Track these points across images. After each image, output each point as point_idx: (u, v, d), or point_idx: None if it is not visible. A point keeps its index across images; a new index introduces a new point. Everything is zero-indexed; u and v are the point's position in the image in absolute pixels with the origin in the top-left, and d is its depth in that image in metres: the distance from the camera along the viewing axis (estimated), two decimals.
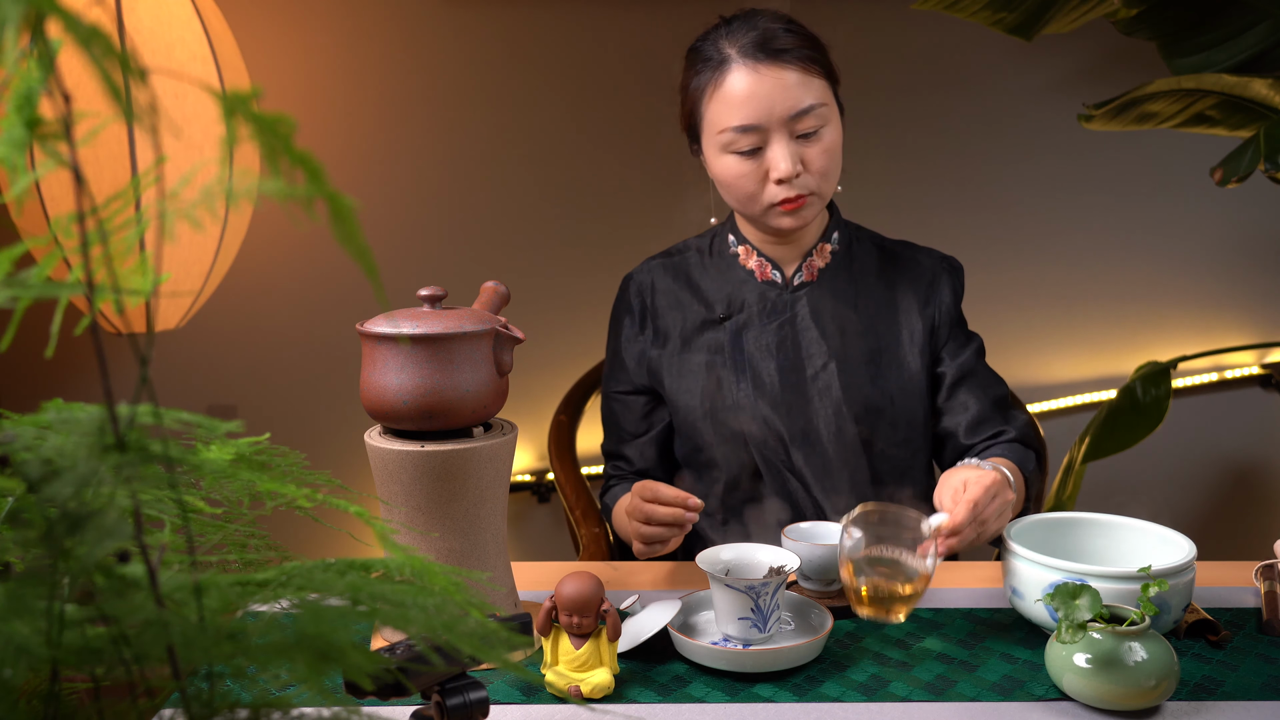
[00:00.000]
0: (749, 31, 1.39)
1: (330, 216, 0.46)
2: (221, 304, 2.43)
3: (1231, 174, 1.93)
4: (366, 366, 1.10)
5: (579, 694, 1.03)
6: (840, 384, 1.45)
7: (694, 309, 1.52)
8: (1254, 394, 2.63)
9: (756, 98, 1.37)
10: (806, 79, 1.38)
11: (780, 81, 1.37)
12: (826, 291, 1.49)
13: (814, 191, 1.40)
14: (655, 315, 1.54)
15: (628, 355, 1.55)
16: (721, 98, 1.39)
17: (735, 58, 1.38)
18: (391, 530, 0.70)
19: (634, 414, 1.56)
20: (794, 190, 1.39)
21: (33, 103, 0.44)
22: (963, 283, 1.55)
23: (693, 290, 1.53)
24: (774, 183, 1.39)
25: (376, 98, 2.42)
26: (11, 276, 0.48)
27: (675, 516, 1.24)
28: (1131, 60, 2.38)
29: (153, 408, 0.50)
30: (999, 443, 1.46)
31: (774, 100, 1.36)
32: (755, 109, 1.37)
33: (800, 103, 1.37)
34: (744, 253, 1.51)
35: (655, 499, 1.25)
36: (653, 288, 1.55)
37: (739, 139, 1.38)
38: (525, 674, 0.59)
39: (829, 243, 1.51)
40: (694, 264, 1.55)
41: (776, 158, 1.37)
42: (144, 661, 0.50)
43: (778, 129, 1.37)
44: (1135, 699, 0.98)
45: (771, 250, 1.50)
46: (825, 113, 1.39)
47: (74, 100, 0.44)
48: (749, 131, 1.37)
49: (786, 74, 1.37)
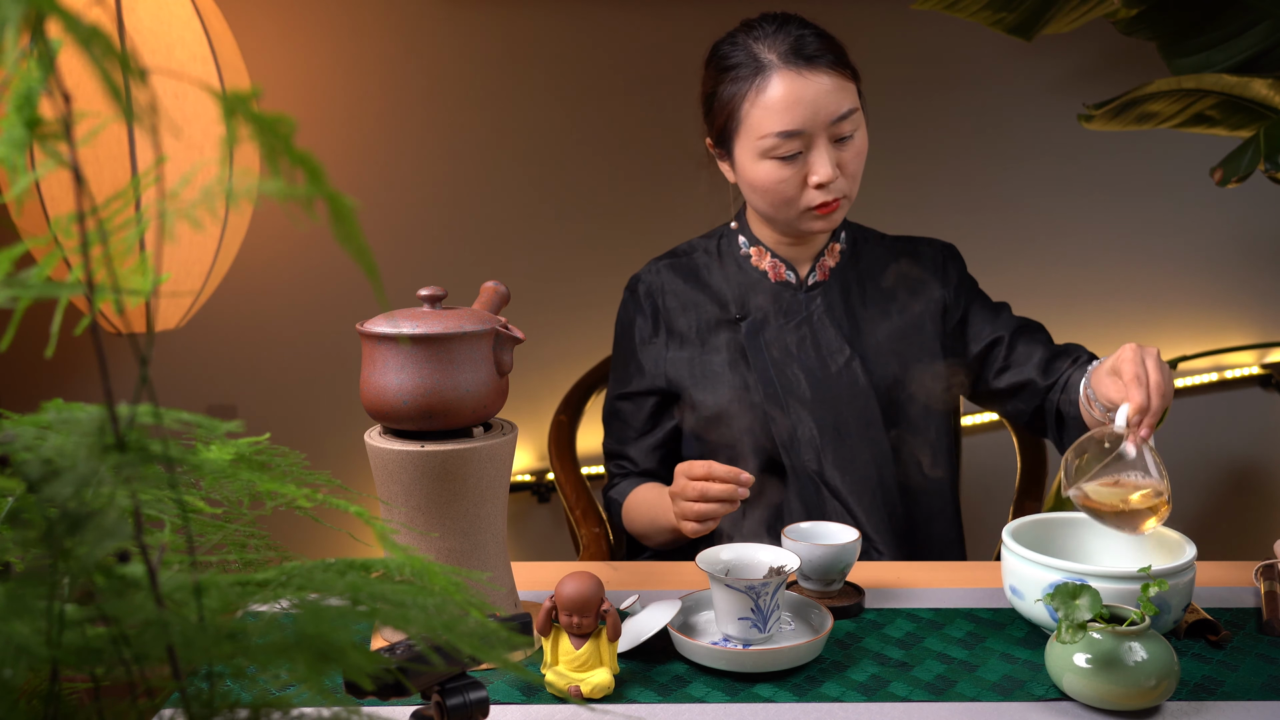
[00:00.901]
0: (784, 37, 1.40)
1: (330, 216, 0.46)
2: (221, 304, 2.43)
3: (1231, 174, 1.93)
4: (366, 366, 1.10)
5: (579, 694, 1.03)
6: (864, 372, 1.48)
7: (708, 309, 1.52)
8: (1254, 394, 2.63)
9: (802, 103, 1.38)
10: (842, 83, 1.40)
11: (821, 87, 1.38)
12: (840, 289, 1.51)
13: (846, 195, 1.44)
14: (668, 316, 1.54)
15: (645, 358, 1.55)
16: (765, 104, 1.39)
17: (776, 64, 1.39)
18: (391, 530, 0.70)
19: (642, 415, 1.56)
20: (830, 195, 1.41)
21: (33, 103, 0.44)
22: (963, 261, 1.60)
23: (704, 290, 1.54)
24: (813, 187, 1.41)
25: (376, 98, 2.42)
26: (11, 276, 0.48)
27: (730, 493, 1.26)
28: (1131, 60, 2.38)
29: (153, 408, 0.50)
30: (1080, 364, 1.48)
31: (818, 106, 1.38)
32: (800, 115, 1.38)
33: (841, 108, 1.39)
34: (756, 254, 1.52)
35: (709, 476, 1.26)
36: (663, 289, 1.55)
37: (782, 144, 1.39)
38: (525, 674, 0.59)
39: (839, 242, 1.54)
40: (702, 264, 1.56)
41: (818, 163, 1.39)
42: (144, 661, 0.50)
43: (820, 134, 1.39)
44: (1135, 699, 0.98)
45: (786, 251, 1.52)
46: (858, 117, 1.42)
47: (74, 100, 0.44)
48: (793, 137, 1.39)
49: (825, 79, 1.39)
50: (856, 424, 1.46)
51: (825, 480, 1.46)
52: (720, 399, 1.49)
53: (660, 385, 1.54)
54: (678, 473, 1.31)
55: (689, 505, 1.28)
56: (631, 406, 1.57)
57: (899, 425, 1.49)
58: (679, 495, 1.30)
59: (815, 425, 1.46)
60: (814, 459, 1.46)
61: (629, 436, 1.57)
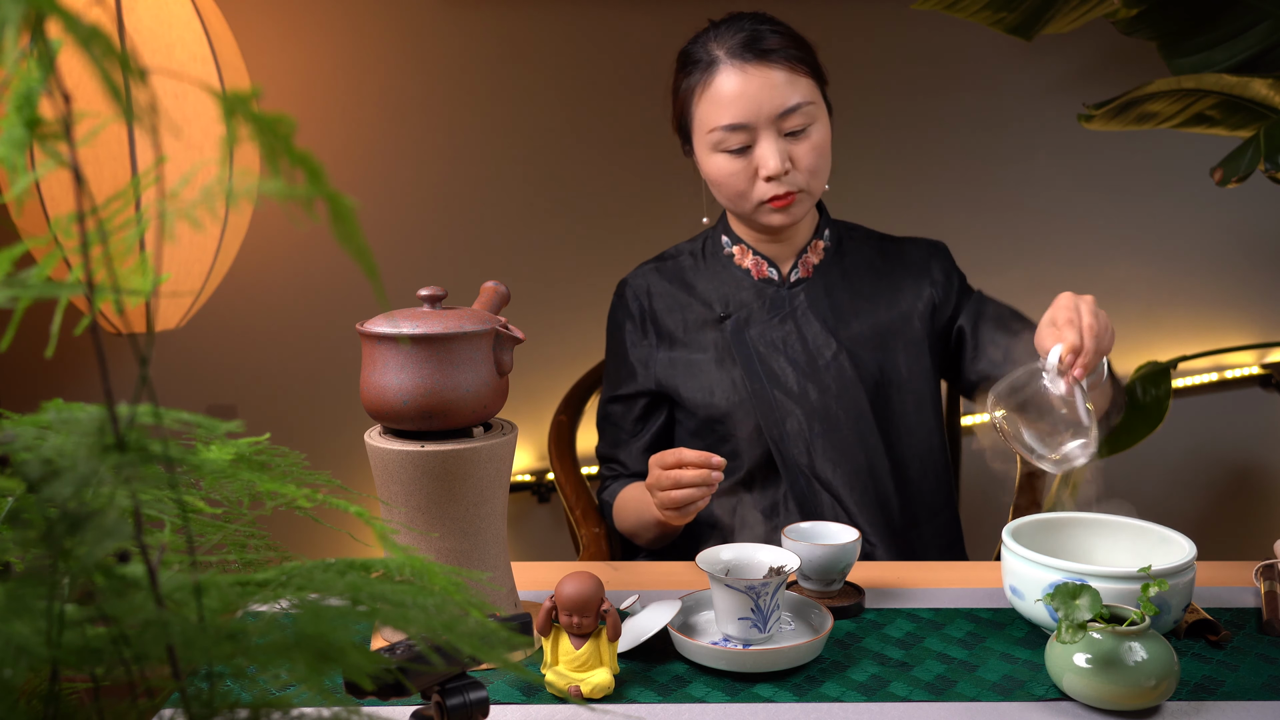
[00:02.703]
0: (736, 33, 1.43)
1: (330, 216, 0.46)
2: (221, 304, 2.43)
3: (1231, 174, 1.93)
4: (366, 366, 1.10)
5: (579, 694, 1.03)
6: (851, 364, 1.48)
7: (694, 309, 1.53)
8: (1254, 394, 2.63)
9: (745, 97, 1.40)
10: (793, 78, 1.41)
11: (767, 81, 1.40)
12: (824, 285, 1.52)
13: (803, 188, 1.44)
14: (655, 318, 1.56)
15: (635, 359, 1.56)
16: (710, 98, 1.42)
17: (723, 58, 1.42)
18: (391, 530, 0.70)
19: (632, 416, 1.57)
20: (783, 187, 1.42)
21: (33, 103, 0.44)
22: (951, 258, 1.61)
23: (689, 291, 1.55)
24: (763, 180, 1.42)
25: (376, 98, 2.42)
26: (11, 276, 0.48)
27: (703, 477, 1.27)
28: (1131, 60, 2.38)
29: (153, 408, 0.50)
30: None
31: (761, 99, 1.39)
32: (743, 108, 1.40)
33: (787, 101, 1.40)
34: (739, 252, 1.53)
35: (681, 463, 1.28)
36: (649, 292, 1.57)
37: (728, 137, 1.41)
38: (525, 674, 0.59)
39: (822, 239, 1.55)
40: (688, 267, 1.58)
41: (765, 155, 1.40)
42: (144, 661, 0.50)
43: (765, 127, 1.40)
44: (1135, 699, 0.98)
45: (767, 249, 1.53)
46: (812, 111, 1.42)
47: (74, 100, 0.44)
48: (737, 130, 1.41)
49: (773, 73, 1.40)
50: (846, 417, 1.47)
51: (817, 473, 1.47)
52: (711, 398, 1.50)
53: (650, 387, 1.56)
54: (651, 464, 1.33)
55: (666, 495, 1.30)
56: (622, 409, 1.58)
57: (888, 419, 1.49)
58: (655, 486, 1.32)
59: (804, 418, 1.47)
60: (804, 452, 1.47)
61: (620, 439, 1.58)
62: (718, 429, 1.50)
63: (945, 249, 1.62)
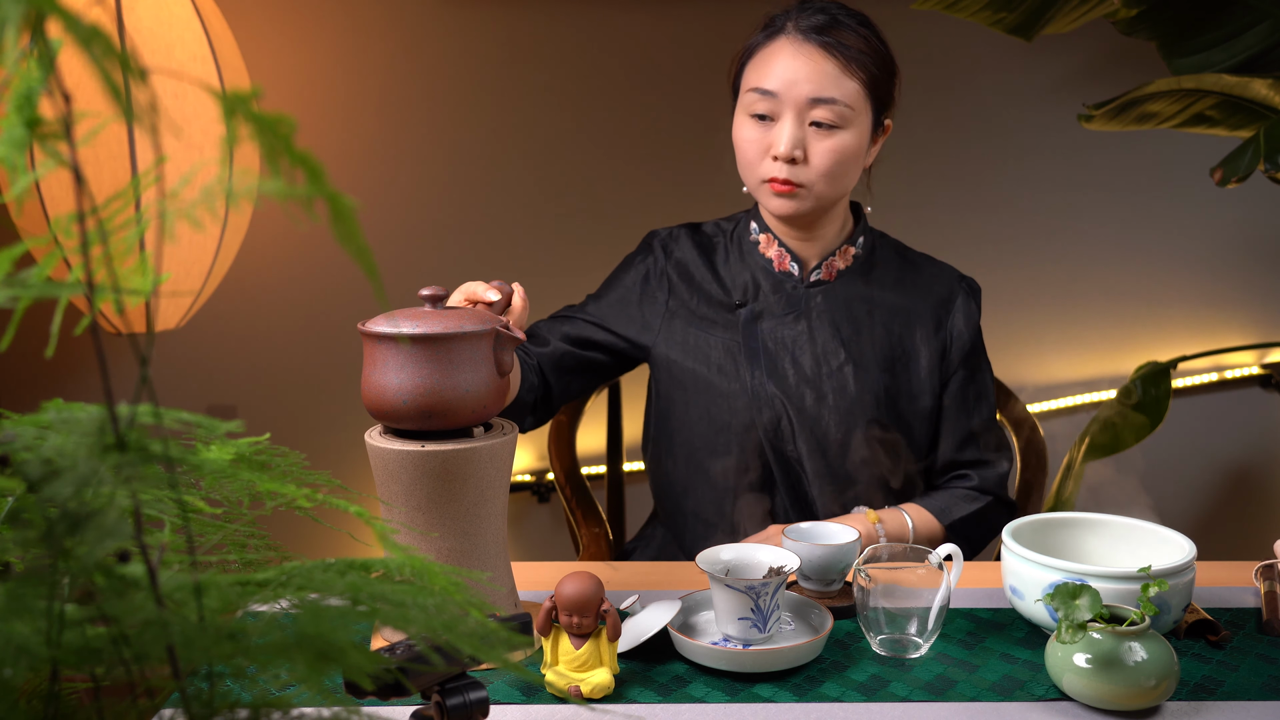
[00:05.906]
0: (815, 14, 1.42)
1: (330, 216, 0.46)
2: (221, 304, 2.43)
3: (1231, 174, 1.93)
4: (367, 366, 1.10)
5: (579, 694, 1.03)
6: (855, 383, 1.46)
7: (710, 288, 1.52)
8: (1254, 394, 2.63)
9: (788, 69, 1.40)
10: (843, 76, 1.40)
11: (816, 65, 1.39)
12: (843, 293, 1.50)
13: (808, 185, 1.42)
14: (672, 281, 1.54)
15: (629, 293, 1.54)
16: (760, 59, 1.43)
17: (789, 30, 1.42)
18: (391, 530, 0.70)
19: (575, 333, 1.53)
20: (785, 173, 1.41)
21: (33, 103, 0.44)
22: (979, 305, 1.56)
23: (710, 269, 1.54)
24: (772, 158, 1.41)
25: (376, 98, 2.42)
26: (11, 276, 0.48)
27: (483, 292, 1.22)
28: (1131, 60, 2.38)
29: (153, 408, 0.50)
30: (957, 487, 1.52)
31: (800, 78, 1.39)
32: (780, 78, 1.40)
33: (823, 91, 1.39)
34: (765, 240, 1.52)
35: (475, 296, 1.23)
36: (676, 254, 1.56)
37: (757, 102, 1.41)
38: (525, 674, 0.59)
39: (854, 246, 1.53)
40: (718, 245, 1.56)
41: (780, 133, 1.40)
42: (144, 661, 0.50)
43: (792, 107, 1.40)
44: (1135, 699, 0.98)
45: (793, 243, 1.51)
46: (846, 114, 1.40)
47: (74, 100, 0.44)
48: (766, 97, 1.40)
49: (826, 62, 1.39)
50: (839, 430, 1.45)
51: (806, 479, 1.46)
52: (710, 378, 1.48)
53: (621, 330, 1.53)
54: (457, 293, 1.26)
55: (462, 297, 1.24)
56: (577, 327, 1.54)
57: (884, 440, 1.48)
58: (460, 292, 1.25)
59: (798, 421, 1.45)
60: (795, 452, 1.46)
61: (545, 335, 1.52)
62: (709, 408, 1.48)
63: (978, 291, 1.56)
